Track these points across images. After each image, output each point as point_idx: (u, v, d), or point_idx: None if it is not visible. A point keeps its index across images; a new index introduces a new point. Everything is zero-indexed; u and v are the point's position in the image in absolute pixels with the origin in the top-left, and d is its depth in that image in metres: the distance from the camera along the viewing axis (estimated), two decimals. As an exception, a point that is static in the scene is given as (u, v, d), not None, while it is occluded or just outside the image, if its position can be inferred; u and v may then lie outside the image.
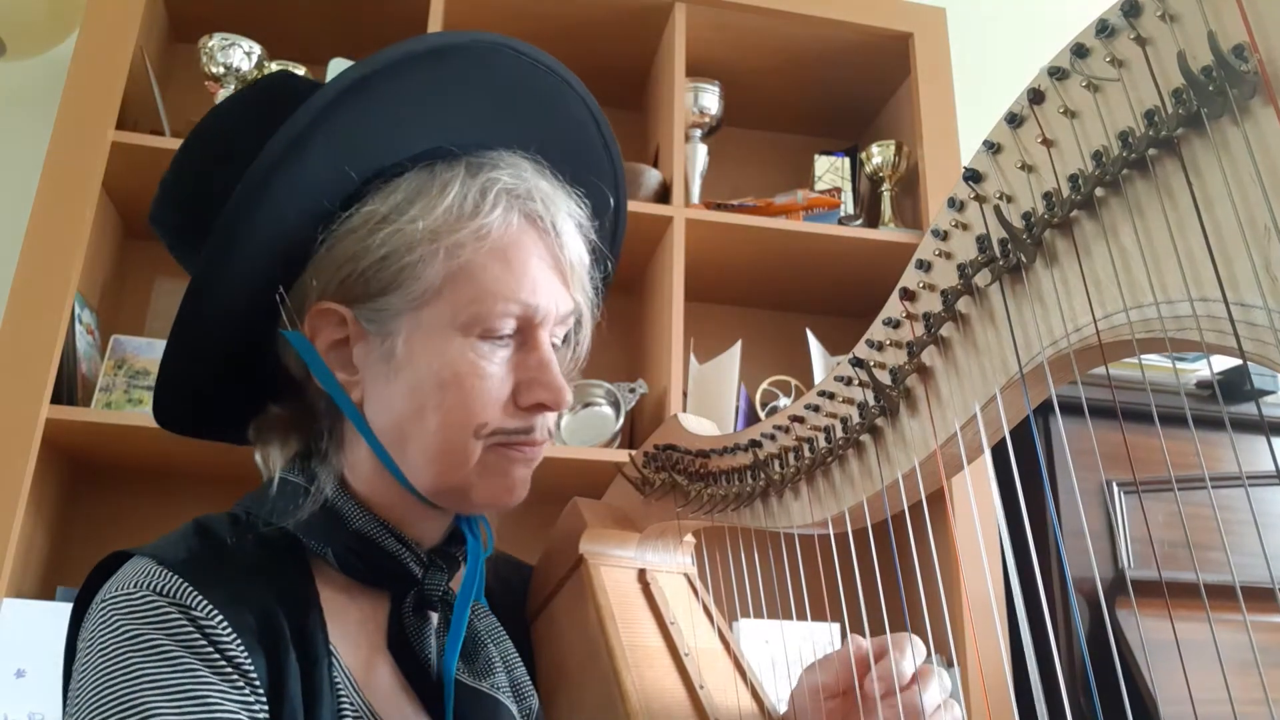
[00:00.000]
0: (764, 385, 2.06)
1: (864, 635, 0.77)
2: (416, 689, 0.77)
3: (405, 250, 0.76)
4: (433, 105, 0.79)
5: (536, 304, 0.78)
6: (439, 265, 0.76)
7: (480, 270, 0.76)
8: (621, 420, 1.86)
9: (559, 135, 0.86)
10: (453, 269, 0.76)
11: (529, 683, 0.81)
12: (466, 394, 0.76)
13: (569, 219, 0.82)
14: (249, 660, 0.69)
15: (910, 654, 0.74)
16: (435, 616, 0.79)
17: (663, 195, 1.99)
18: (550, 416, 0.81)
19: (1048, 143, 0.57)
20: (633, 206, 1.91)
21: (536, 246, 0.79)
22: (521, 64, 0.82)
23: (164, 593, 0.69)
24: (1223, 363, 1.84)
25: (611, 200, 0.92)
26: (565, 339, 0.87)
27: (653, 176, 1.99)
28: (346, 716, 0.72)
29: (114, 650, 0.67)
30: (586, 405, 1.92)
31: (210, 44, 1.92)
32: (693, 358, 2.02)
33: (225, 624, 0.69)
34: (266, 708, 0.69)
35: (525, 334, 0.79)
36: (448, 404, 0.76)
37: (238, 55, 1.92)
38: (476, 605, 0.82)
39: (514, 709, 0.77)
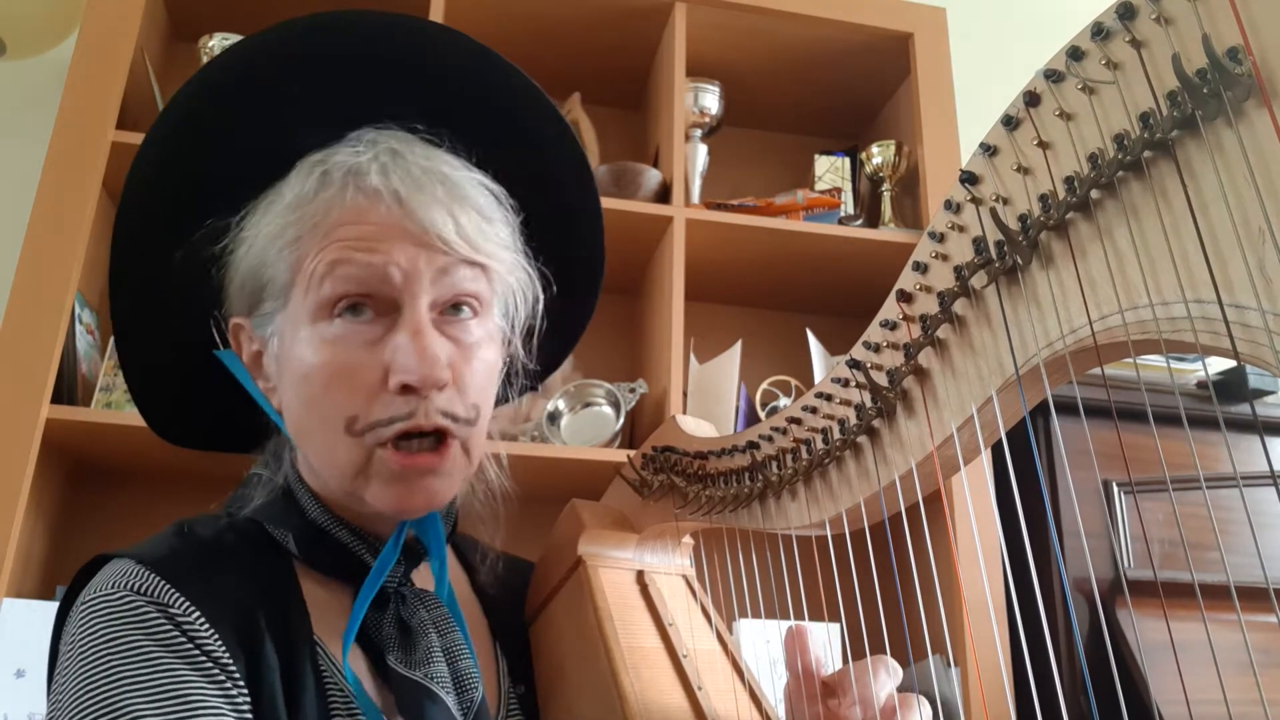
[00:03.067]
0: (764, 385, 2.06)
1: (863, 637, 0.77)
2: (378, 677, 0.76)
3: (261, 254, 0.76)
4: (275, 111, 0.78)
5: (384, 271, 0.72)
6: (286, 260, 0.75)
7: (318, 253, 0.73)
8: (621, 420, 1.86)
9: (443, 93, 0.80)
10: (295, 259, 0.74)
11: (475, 675, 0.78)
12: (325, 383, 0.72)
13: (419, 187, 0.74)
14: (227, 654, 0.69)
15: (887, 679, 0.72)
16: (391, 608, 0.79)
17: (663, 195, 1.99)
18: (443, 401, 0.73)
19: (1044, 145, 0.57)
20: (633, 206, 1.91)
21: (376, 218, 0.73)
22: (351, 29, 0.78)
23: (142, 591, 0.69)
24: (1221, 363, 1.84)
25: (557, 132, 0.85)
26: (509, 313, 0.83)
27: (653, 176, 1.99)
28: (334, 702, 0.73)
29: (94, 653, 0.67)
30: (586, 405, 1.92)
31: (210, 44, 1.92)
32: (693, 358, 2.02)
33: (202, 620, 0.69)
34: (249, 700, 0.69)
35: (391, 308, 0.73)
36: (313, 397, 0.74)
37: (238, 55, 1.92)
38: (429, 597, 0.80)
39: (450, 700, 0.75)
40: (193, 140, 0.78)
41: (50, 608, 1.53)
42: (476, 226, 0.76)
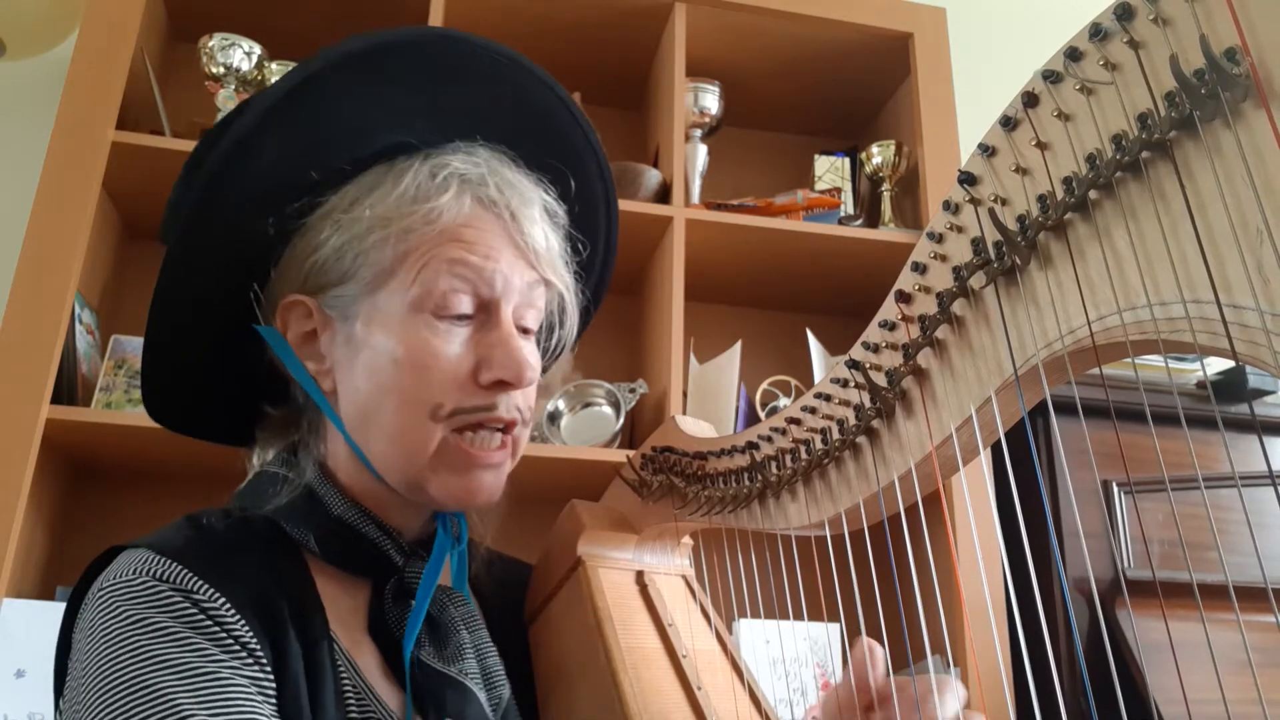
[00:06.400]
0: (764, 385, 2.06)
1: (863, 637, 0.76)
2: (395, 674, 0.77)
3: (360, 237, 0.78)
4: (388, 103, 0.81)
5: (491, 278, 0.78)
6: (390, 248, 0.78)
7: (431, 249, 0.77)
8: (621, 420, 1.86)
9: (526, 123, 0.86)
10: (403, 250, 0.78)
11: (501, 672, 0.80)
12: (420, 371, 0.76)
13: (530, 204, 0.82)
14: (254, 640, 0.69)
15: (953, 701, 0.70)
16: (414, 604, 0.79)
17: (663, 195, 1.99)
18: (519, 399, 0.79)
19: (1042, 145, 0.57)
20: (633, 206, 1.91)
21: (490, 227, 0.79)
22: (478, 55, 0.83)
23: (163, 578, 0.69)
24: (1219, 363, 1.84)
25: (601, 189, 0.92)
26: (550, 328, 0.87)
27: (653, 176, 1.99)
28: (349, 697, 0.73)
29: (119, 635, 0.66)
30: (586, 405, 1.93)
31: (210, 44, 1.92)
32: (693, 358, 2.02)
33: (228, 604, 0.69)
34: (274, 684, 0.69)
35: (486, 312, 0.79)
36: (403, 383, 0.76)
37: (238, 55, 1.92)
38: (455, 594, 0.82)
39: (482, 695, 0.77)
40: (298, 111, 0.78)
41: (50, 607, 1.54)
42: (554, 247, 0.84)
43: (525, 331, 0.82)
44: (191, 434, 0.90)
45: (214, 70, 1.92)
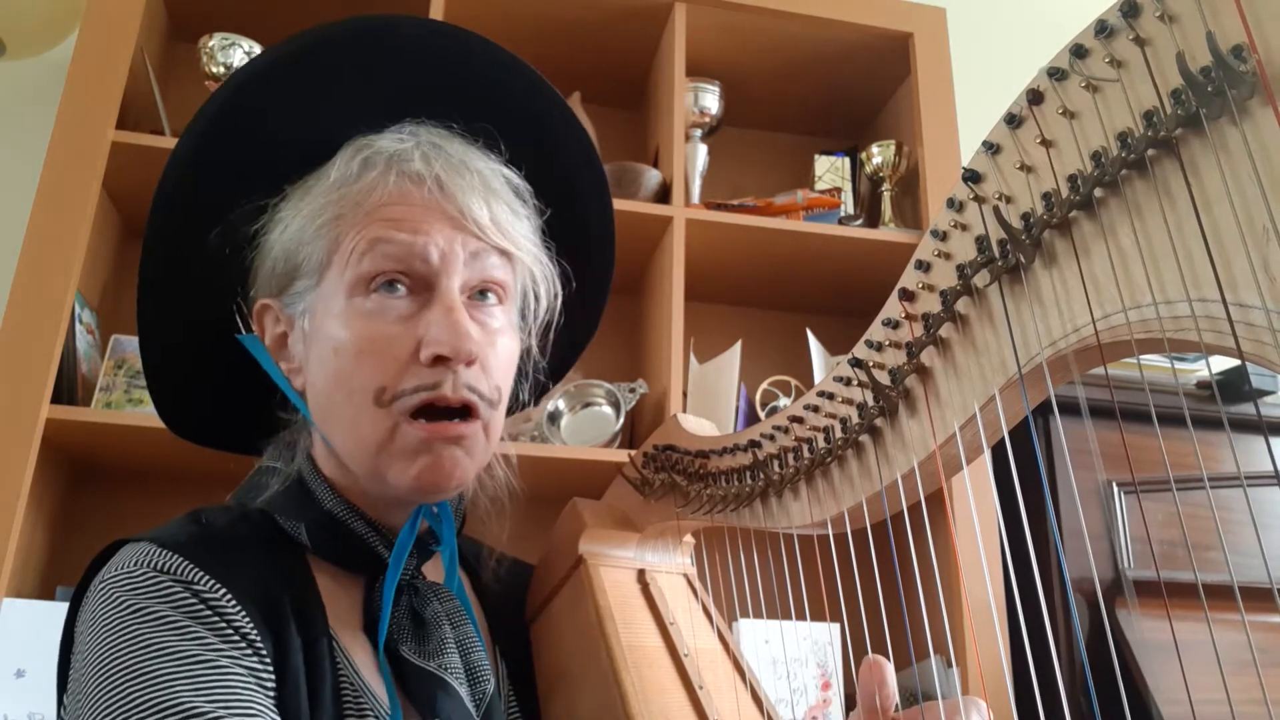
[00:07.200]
0: (764, 385, 2.06)
1: (865, 637, 0.76)
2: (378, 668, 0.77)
3: (300, 232, 0.79)
4: (330, 100, 0.81)
5: (423, 252, 0.75)
6: (325, 238, 0.77)
7: (359, 231, 0.76)
8: (621, 420, 1.86)
9: (478, 97, 0.84)
10: (335, 238, 0.77)
11: (487, 667, 0.79)
12: (360, 357, 0.75)
13: (463, 173, 0.78)
14: (255, 632, 0.69)
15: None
16: (404, 600, 0.79)
17: (663, 195, 1.99)
18: (473, 378, 0.76)
19: (1047, 143, 0.56)
20: (633, 206, 1.91)
21: (419, 201, 0.77)
22: (419, 37, 0.82)
23: (165, 570, 0.69)
24: (1222, 363, 1.85)
25: (581, 159, 0.90)
26: (529, 304, 0.86)
27: (653, 176, 1.99)
28: (345, 694, 0.73)
29: (120, 624, 0.67)
30: (586, 405, 1.92)
31: (210, 44, 1.92)
32: (693, 358, 2.02)
33: (229, 596, 0.69)
34: (274, 678, 0.69)
35: (427, 288, 0.76)
36: (343, 370, 0.75)
37: (238, 55, 1.92)
38: (442, 590, 0.81)
39: (463, 690, 0.76)
40: (237, 124, 0.79)
41: (50, 607, 1.53)
42: (506, 217, 0.79)
43: (496, 300, 0.80)
44: (221, 448, 0.90)
45: (214, 70, 1.92)
